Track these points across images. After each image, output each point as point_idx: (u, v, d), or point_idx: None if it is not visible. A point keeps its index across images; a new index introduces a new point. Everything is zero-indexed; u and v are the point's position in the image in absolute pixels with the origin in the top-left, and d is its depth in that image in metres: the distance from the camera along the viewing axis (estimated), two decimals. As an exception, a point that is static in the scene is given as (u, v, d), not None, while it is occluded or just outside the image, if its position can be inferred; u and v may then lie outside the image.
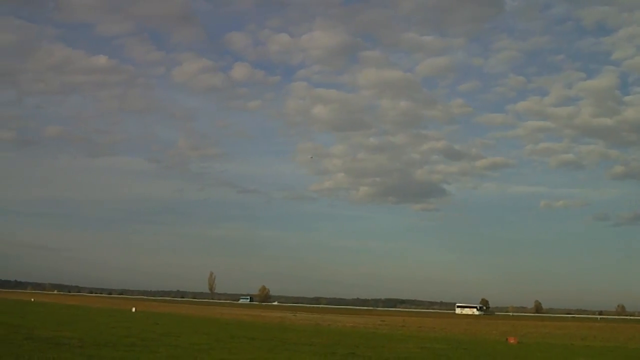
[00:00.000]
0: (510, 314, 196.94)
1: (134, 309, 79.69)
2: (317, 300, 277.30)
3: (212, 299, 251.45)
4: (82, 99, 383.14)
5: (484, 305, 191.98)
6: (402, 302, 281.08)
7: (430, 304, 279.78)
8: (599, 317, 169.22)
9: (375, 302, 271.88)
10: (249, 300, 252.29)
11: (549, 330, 70.70)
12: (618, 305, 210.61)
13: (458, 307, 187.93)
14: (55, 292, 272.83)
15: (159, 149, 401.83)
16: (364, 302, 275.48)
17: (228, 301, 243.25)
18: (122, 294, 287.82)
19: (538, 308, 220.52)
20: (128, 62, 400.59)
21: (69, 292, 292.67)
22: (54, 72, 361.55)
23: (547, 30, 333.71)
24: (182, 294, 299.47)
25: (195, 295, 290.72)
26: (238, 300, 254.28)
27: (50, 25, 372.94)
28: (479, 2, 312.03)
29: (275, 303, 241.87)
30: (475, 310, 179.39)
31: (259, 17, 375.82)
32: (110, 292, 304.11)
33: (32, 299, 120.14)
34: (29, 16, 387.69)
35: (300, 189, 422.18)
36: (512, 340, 42.63)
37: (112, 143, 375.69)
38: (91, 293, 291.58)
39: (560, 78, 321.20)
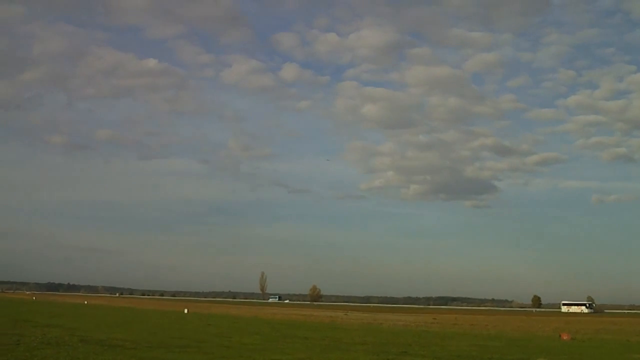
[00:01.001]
0: (562, 310, 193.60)
1: (186, 311, 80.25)
2: (368, 299, 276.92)
3: (263, 299, 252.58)
4: (133, 102, 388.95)
5: (593, 303, 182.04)
6: (454, 300, 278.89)
7: (482, 301, 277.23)
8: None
9: (427, 300, 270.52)
10: (277, 299, 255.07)
11: (602, 326, 69.24)
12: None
13: (564, 304, 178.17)
14: (118, 295, 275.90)
15: (209, 150, 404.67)
16: (415, 300, 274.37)
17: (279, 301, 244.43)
18: (174, 296, 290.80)
19: (590, 304, 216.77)
20: (178, 65, 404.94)
21: (121, 294, 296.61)
22: (104, 76, 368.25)
23: (596, 23, 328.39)
24: (234, 295, 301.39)
25: (246, 295, 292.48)
26: (267, 299, 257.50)
27: (99, 29, 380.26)
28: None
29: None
30: (584, 308, 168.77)
31: (307, 16, 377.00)
32: (162, 293, 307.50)
33: (85, 302, 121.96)
34: (78, 21, 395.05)
35: (350, 188, 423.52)
36: (565, 337, 41.89)
37: (164, 145, 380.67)
38: (143, 295, 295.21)
39: (611, 71, 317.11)
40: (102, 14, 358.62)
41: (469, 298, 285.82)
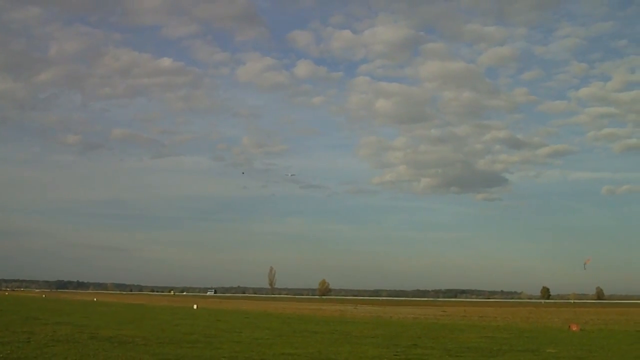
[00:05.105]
0: (572, 301, 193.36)
1: (195, 306, 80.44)
2: (377, 292, 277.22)
3: (273, 294, 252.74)
4: (148, 101, 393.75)
5: None
6: (463, 292, 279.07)
7: (491, 293, 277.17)
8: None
9: (436, 293, 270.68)
10: (213, 292, 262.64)
11: (611, 316, 69.25)
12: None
13: None
14: (173, 293, 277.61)
15: (223, 147, 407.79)
16: (425, 293, 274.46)
17: (289, 296, 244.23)
18: (183, 292, 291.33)
19: (600, 295, 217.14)
20: (193, 64, 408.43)
21: (131, 291, 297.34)
22: (119, 76, 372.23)
23: (609, 15, 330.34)
24: (243, 290, 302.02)
25: (255, 290, 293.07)
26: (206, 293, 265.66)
27: (116, 30, 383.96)
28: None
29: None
30: None
31: (322, 14, 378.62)
32: (171, 290, 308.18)
33: (95, 299, 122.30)
34: (95, 22, 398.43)
35: (362, 183, 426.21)
36: (574, 328, 41.90)
37: (178, 143, 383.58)
38: (152, 292, 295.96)
39: (624, 63, 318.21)
40: (119, 15, 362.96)
41: (478, 290, 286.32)
